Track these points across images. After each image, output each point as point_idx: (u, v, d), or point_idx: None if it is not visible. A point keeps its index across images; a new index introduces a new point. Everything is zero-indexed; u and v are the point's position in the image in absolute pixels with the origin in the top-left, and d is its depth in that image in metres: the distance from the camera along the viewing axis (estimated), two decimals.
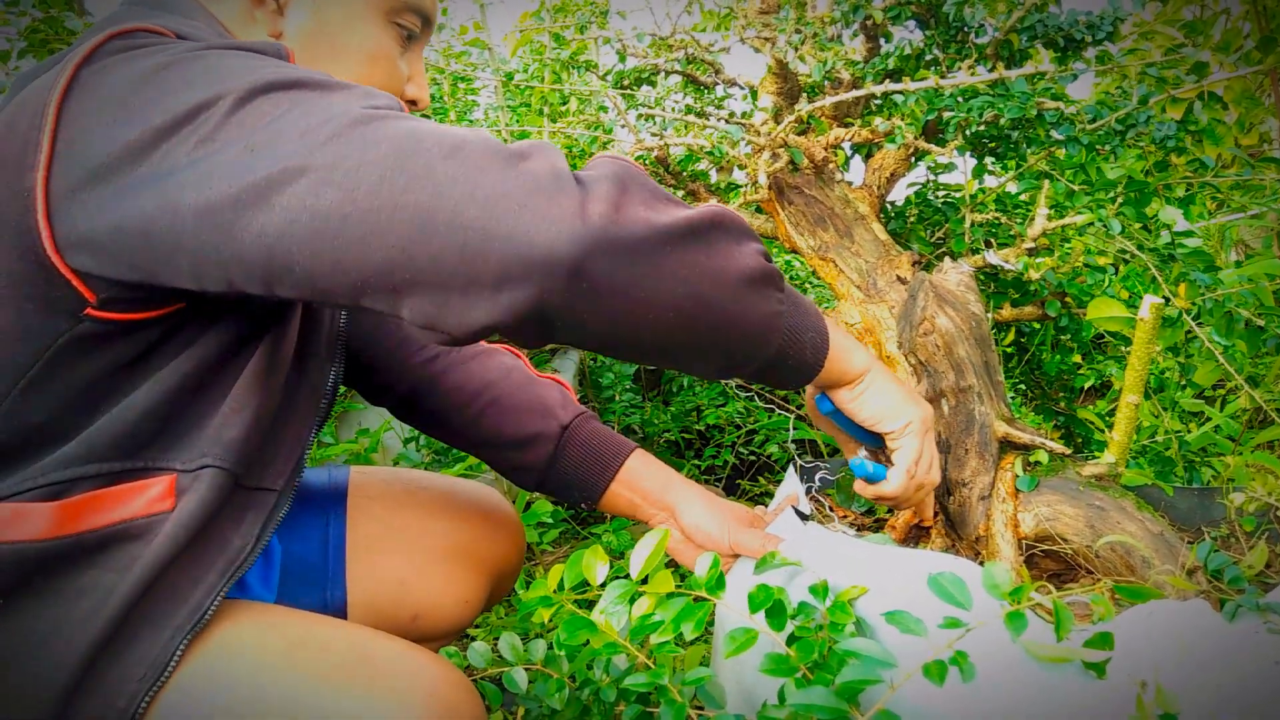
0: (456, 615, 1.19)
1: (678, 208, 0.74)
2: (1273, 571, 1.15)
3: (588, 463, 1.18)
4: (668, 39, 1.60)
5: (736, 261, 0.77)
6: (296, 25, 0.95)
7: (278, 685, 0.79)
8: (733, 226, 0.78)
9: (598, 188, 0.69)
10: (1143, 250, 1.41)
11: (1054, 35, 1.34)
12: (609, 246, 0.67)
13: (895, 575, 0.93)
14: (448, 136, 0.68)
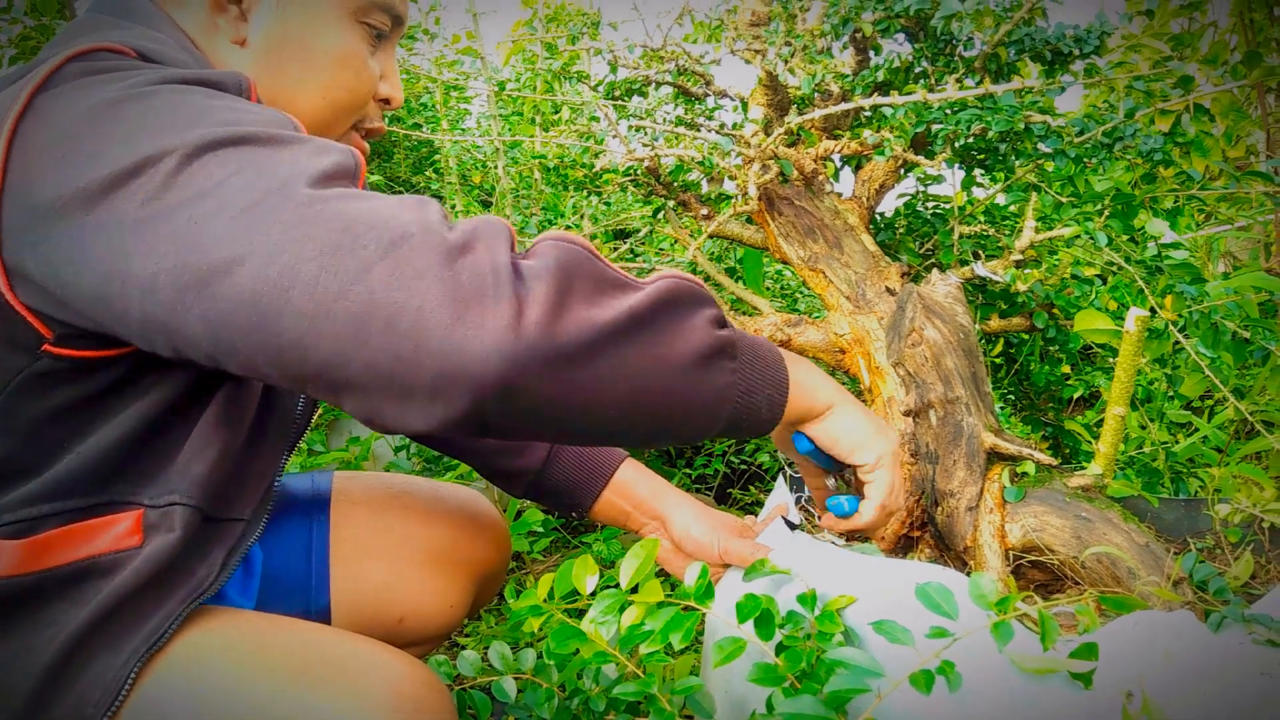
0: (442, 619, 1.20)
1: (623, 295, 0.73)
2: (1258, 583, 1.16)
3: (579, 471, 1.18)
4: (659, 50, 1.61)
5: (685, 343, 0.75)
6: (261, 31, 0.94)
7: (240, 690, 0.79)
8: (682, 300, 0.76)
9: (537, 288, 0.67)
10: (1130, 262, 1.42)
11: (1041, 49, 1.35)
12: (544, 359, 0.66)
13: (883, 585, 0.94)
14: (389, 228, 0.66)
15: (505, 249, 0.68)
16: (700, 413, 0.78)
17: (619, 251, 2.38)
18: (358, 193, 0.70)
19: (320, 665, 0.82)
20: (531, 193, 2.67)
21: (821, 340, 1.43)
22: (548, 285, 0.67)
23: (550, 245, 0.72)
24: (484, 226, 0.69)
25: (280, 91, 0.94)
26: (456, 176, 2.77)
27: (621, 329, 0.70)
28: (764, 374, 0.85)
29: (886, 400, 1.30)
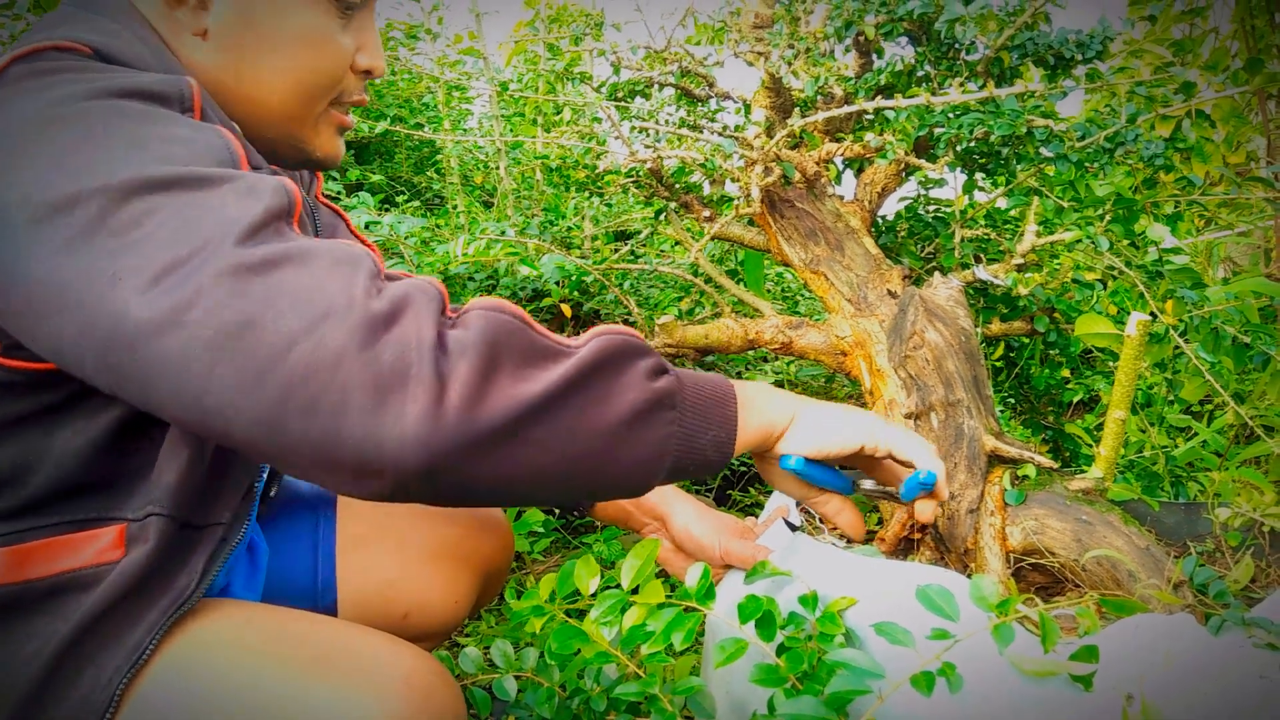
0: (447, 613, 1.20)
1: (554, 364, 0.72)
2: (1258, 586, 1.16)
3: None
4: (662, 52, 1.61)
5: (618, 404, 0.74)
6: (220, 21, 0.90)
7: (253, 680, 0.79)
8: (614, 359, 0.75)
9: (461, 366, 0.66)
10: (1130, 267, 1.42)
11: (1044, 53, 1.36)
12: (466, 444, 0.66)
13: (884, 587, 0.94)
14: (312, 304, 0.65)
15: (432, 321, 0.67)
16: (639, 469, 0.77)
17: (620, 253, 2.38)
18: (285, 253, 0.68)
19: (331, 656, 0.82)
20: (533, 193, 2.67)
21: (822, 342, 1.44)
22: (472, 362, 0.67)
23: (479, 315, 0.70)
24: (414, 294, 0.68)
25: (247, 81, 0.92)
26: (458, 177, 2.77)
27: (550, 400, 0.70)
28: (709, 415, 0.83)
29: (888, 403, 1.30)
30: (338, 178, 2.65)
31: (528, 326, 0.73)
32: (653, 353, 0.80)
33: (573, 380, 0.71)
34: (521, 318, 0.73)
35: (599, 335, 0.76)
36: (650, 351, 0.79)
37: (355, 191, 2.68)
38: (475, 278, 2.12)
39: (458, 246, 1.85)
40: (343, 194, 2.48)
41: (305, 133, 0.97)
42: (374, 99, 3.13)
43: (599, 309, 2.53)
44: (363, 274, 0.68)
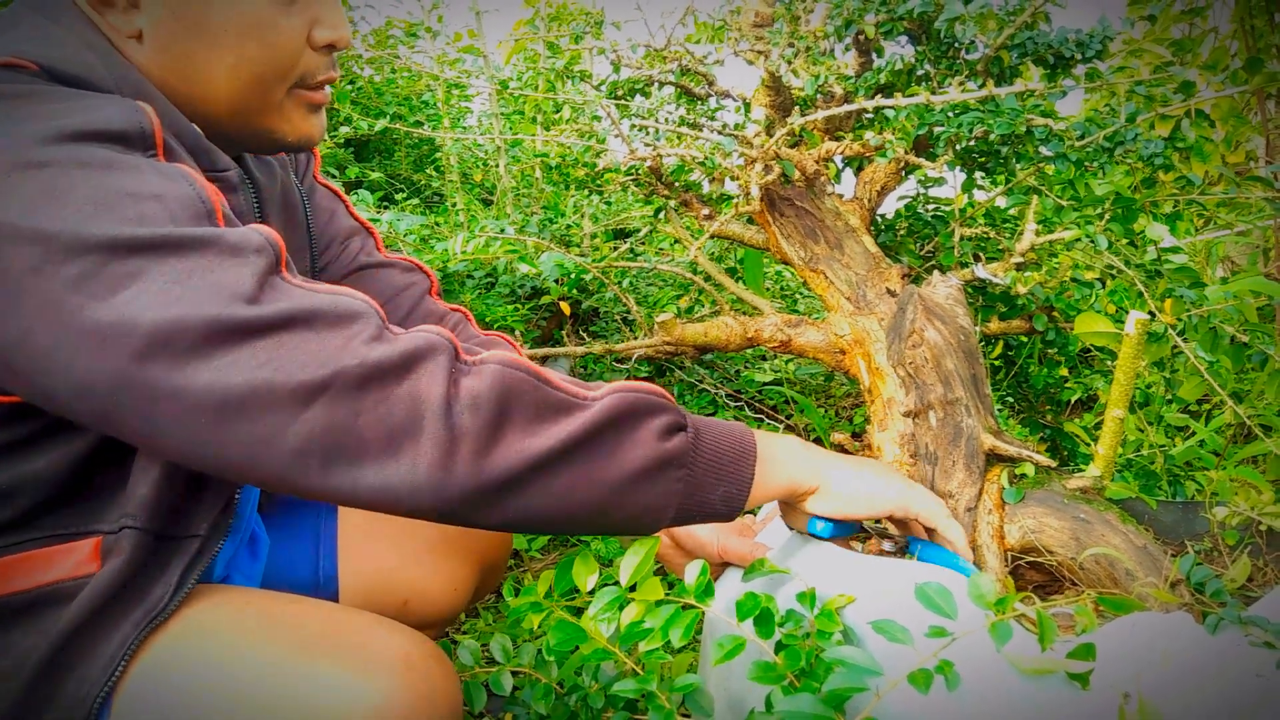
0: (447, 601, 1.21)
1: (565, 419, 0.74)
2: (1255, 585, 1.16)
3: None
4: (662, 51, 1.61)
5: (623, 461, 0.77)
6: (154, 20, 0.85)
7: (248, 662, 0.80)
8: (628, 418, 0.77)
9: (472, 422, 0.70)
10: (1129, 266, 1.42)
11: (1044, 53, 1.36)
12: (473, 495, 0.71)
13: (882, 584, 0.94)
14: (324, 361, 0.68)
15: (444, 375, 0.70)
16: (642, 519, 0.81)
17: (619, 251, 2.38)
18: (290, 314, 0.70)
19: (327, 637, 0.82)
20: (532, 191, 2.68)
21: (822, 341, 1.44)
22: (483, 417, 0.70)
23: (493, 370, 0.73)
24: (425, 347, 0.71)
25: (192, 80, 0.88)
26: (457, 174, 2.77)
27: (557, 455, 0.73)
28: (722, 472, 0.85)
29: (886, 401, 1.30)
30: (337, 175, 2.65)
31: (541, 382, 0.75)
32: (669, 409, 0.81)
33: (580, 438, 0.75)
34: (535, 373, 0.75)
35: (616, 391, 0.78)
36: (666, 409, 0.81)
37: (354, 189, 2.68)
38: (474, 275, 2.12)
39: (457, 244, 1.85)
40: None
41: (270, 121, 0.93)
42: (373, 97, 3.13)
43: (598, 307, 2.53)
44: (370, 326, 0.70)
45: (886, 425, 1.29)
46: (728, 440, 0.86)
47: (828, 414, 2.58)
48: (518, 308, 2.10)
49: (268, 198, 1.03)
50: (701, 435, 0.83)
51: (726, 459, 0.86)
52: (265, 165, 1.06)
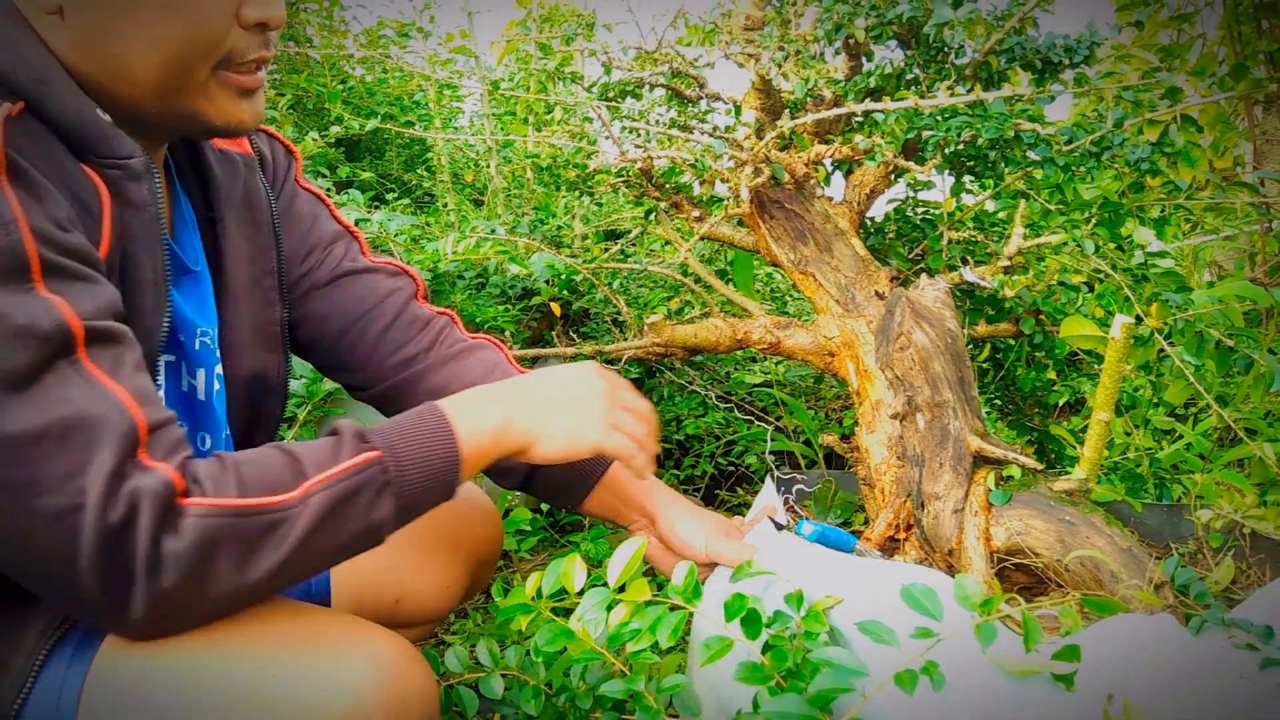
0: (438, 599, 1.20)
1: (272, 543, 0.78)
2: (1238, 587, 1.17)
3: (571, 469, 1.18)
4: (653, 53, 1.61)
5: (339, 541, 0.83)
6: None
7: (220, 663, 0.80)
8: (338, 510, 0.81)
9: (175, 582, 0.74)
10: (1116, 270, 1.43)
11: (1032, 58, 1.37)
12: (187, 624, 0.79)
13: (869, 585, 0.94)
14: (63, 491, 0.71)
15: (149, 536, 0.72)
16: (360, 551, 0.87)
17: (610, 252, 2.38)
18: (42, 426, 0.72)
19: (301, 637, 0.83)
20: (523, 192, 2.68)
21: (810, 343, 1.44)
22: (186, 576, 0.74)
23: (193, 525, 0.75)
24: (144, 501, 0.73)
25: (110, 57, 0.84)
26: (448, 175, 2.77)
27: (271, 575, 0.79)
28: (431, 487, 0.89)
29: (874, 403, 1.31)
30: (327, 174, 2.65)
31: (243, 515, 0.77)
32: (372, 479, 0.84)
33: (292, 555, 0.79)
34: (238, 510, 0.77)
35: (326, 485, 0.81)
36: (370, 482, 0.84)
37: (345, 189, 2.68)
38: (465, 276, 2.12)
39: (447, 245, 1.85)
40: (332, 191, 2.47)
41: (194, 103, 0.88)
42: (365, 97, 3.13)
43: (588, 308, 2.53)
44: (103, 464, 0.72)
45: (874, 427, 1.30)
46: (425, 452, 0.89)
47: (817, 416, 2.58)
48: (508, 308, 2.09)
49: (225, 196, 1.03)
50: (406, 471, 0.87)
51: (434, 478, 0.89)
52: (228, 162, 1.04)
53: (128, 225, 0.85)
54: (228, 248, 1.03)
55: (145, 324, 0.87)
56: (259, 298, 1.07)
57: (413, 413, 0.91)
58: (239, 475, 0.78)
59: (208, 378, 1.01)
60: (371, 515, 0.84)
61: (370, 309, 1.19)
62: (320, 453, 0.83)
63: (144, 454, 0.74)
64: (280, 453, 0.82)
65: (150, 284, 0.88)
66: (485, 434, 0.93)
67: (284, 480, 0.80)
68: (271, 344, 1.09)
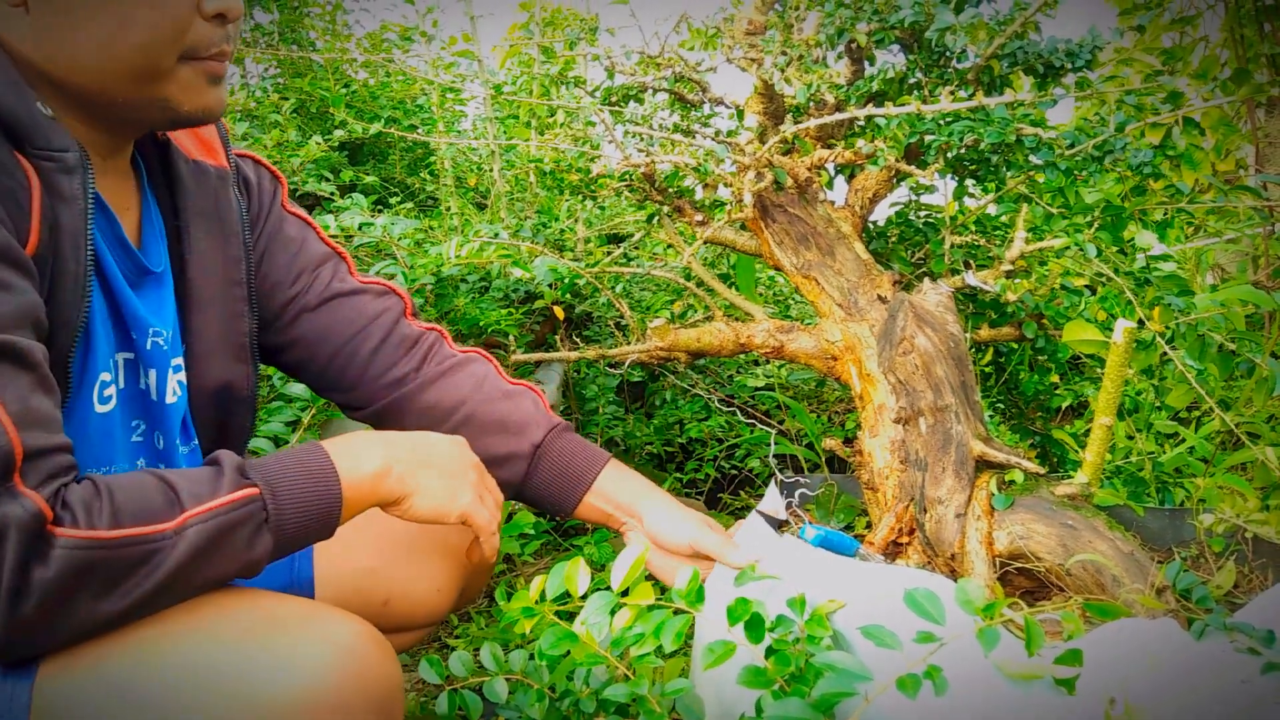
0: (429, 602, 1.21)
1: (140, 576, 0.78)
2: (1240, 592, 1.17)
3: (561, 480, 1.21)
4: (656, 58, 1.62)
5: (210, 575, 0.83)
6: None
7: (182, 650, 0.80)
8: (210, 548, 0.82)
9: (36, 610, 0.74)
10: (1118, 274, 1.43)
11: (1034, 62, 1.37)
12: (43, 650, 0.79)
13: (871, 590, 0.95)
14: None
15: (15, 563, 0.72)
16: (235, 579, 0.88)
17: (613, 256, 2.39)
18: None
19: (264, 623, 0.83)
20: (526, 196, 2.68)
21: (813, 347, 1.45)
22: (48, 604, 0.74)
23: (61, 557, 0.75)
24: (10, 531, 0.73)
25: (77, 48, 0.86)
26: (452, 179, 2.78)
27: (135, 607, 0.79)
28: (309, 531, 0.90)
29: (877, 407, 1.31)
30: (330, 178, 2.66)
31: (115, 547, 0.77)
32: (249, 515, 0.85)
33: (158, 588, 0.80)
34: (109, 542, 0.77)
35: (203, 518, 0.81)
36: (245, 521, 0.85)
37: (349, 193, 2.68)
38: (468, 279, 2.12)
39: (451, 249, 1.86)
40: (336, 195, 2.48)
41: (164, 89, 0.91)
42: (368, 101, 3.13)
43: (591, 311, 2.53)
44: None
45: (877, 431, 1.30)
46: (310, 505, 0.90)
47: (819, 419, 2.59)
48: (511, 312, 2.10)
49: (192, 204, 1.04)
50: (284, 510, 0.87)
51: (314, 519, 0.90)
52: (200, 172, 1.06)
53: (59, 217, 0.86)
54: (192, 255, 1.04)
55: (64, 317, 0.88)
56: (227, 308, 1.08)
57: (296, 451, 0.92)
58: (113, 503, 0.78)
59: (159, 378, 1.02)
60: (247, 553, 0.85)
61: (359, 331, 1.20)
62: (198, 484, 0.83)
63: (18, 479, 0.74)
64: (157, 480, 0.82)
65: (73, 277, 0.88)
66: (365, 479, 0.94)
67: (158, 510, 0.80)
68: (240, 355, 1.10)
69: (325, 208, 2.53)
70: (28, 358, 0.78)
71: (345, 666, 0.80)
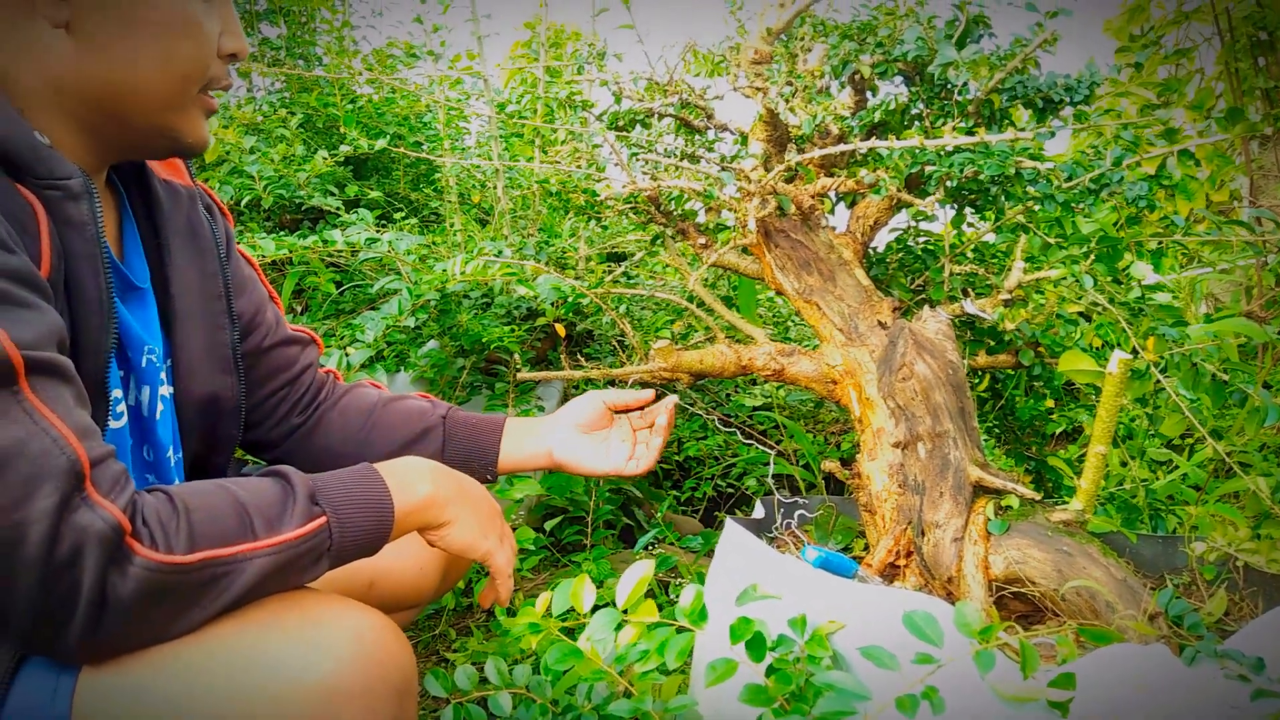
0: (412, 582, 1.25)
1: (211, 599, 0.81)
2: (1231, 619, 1.19)
3: (476, 436, 1.33)
4: (664, 85, 1.65)
5: (254, 599, 0.85)
6: (85, 10, 0.88)
7: (202, 640, 0.82)
8: (277, 575, 0.85)
9: (115, 622, 0.76)
10: (1114, 304, 1.46)
11: (1033, 97, 1.40)
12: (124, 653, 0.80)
13: (870, 611, 0.97)
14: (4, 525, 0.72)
15: (98, 574, 0.74)
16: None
17: (614, 275, 2.41)
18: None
19: (278, 611, 0.85)
20: (529, 213, 2.71)
21: (814, 371, 1.47)
22: (126, 619, 0.76)
23: (138, 575, 0.76)
24: (90, 544, 0.74)
25: (120, 70, 0.90)
26: (455, 195, 2.80)
27: (201, 622, 0.82)
28: (361, 545, 0.93)
29: (876, 431, 1.34)
30: (336, 193, 2.68)
31: (190, 571, 0.79)
32: (316, 555, 0.88)
33: (228, 604, 0.83)
34: (185, 567, 0.79)
35: (273, 550, 0.84)
36: (316, 560, 0.89)
37: (353, 208, 2.70)
38: (470, 295, 2.14)
39: (456, 265, 1.88)
40: (341, 209, 2.50)
41: (179, 119, 0.96)
42: (374, 117, 3.16)
43: (593, 330, 2.56)
44: (55, 496, 0.73)
45: (876, 455, 1.33)
46: (368, 531, 0.93)
47: (816, 439, 2.61)
48: (514, 328, 2.12)
49: (169, 222, 1.08)
50: (346, 537, 0.90)
51: (367, 545, 0.94)
52: (173, 192, 1.10)
53: (69, 244, 0.88)
54: (174, 270, 1.07)
55: (92, 342, 0.90)
56: (209, 320, 1.11)
57: (356, 477, 0.95)
58: (190, 523, 0.80)
59: (152, 395, 1.05)
60: (304, 576, 0.88)
61: (296, 376, 1.30)
62: (270, 506, 0.86)
63: (91, 488, 0.76)
64: (231, 500, 0.85)
65: (95, 302, 0.90)
66: (415, 506, 0.99)
67: (232, 534, 0.83)
68: (224, 366, 1.13)
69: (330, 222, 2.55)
70: (67, 371, 0.80)
71: (368, 655, 0.83)
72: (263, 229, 2.63)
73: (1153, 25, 3.10)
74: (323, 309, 2.49)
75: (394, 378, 2.09)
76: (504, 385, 2.16)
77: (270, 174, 2.51)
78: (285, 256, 2.02)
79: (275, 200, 2.50)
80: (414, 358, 2.09)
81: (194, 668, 0.81)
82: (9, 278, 0.77)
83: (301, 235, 2.06)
